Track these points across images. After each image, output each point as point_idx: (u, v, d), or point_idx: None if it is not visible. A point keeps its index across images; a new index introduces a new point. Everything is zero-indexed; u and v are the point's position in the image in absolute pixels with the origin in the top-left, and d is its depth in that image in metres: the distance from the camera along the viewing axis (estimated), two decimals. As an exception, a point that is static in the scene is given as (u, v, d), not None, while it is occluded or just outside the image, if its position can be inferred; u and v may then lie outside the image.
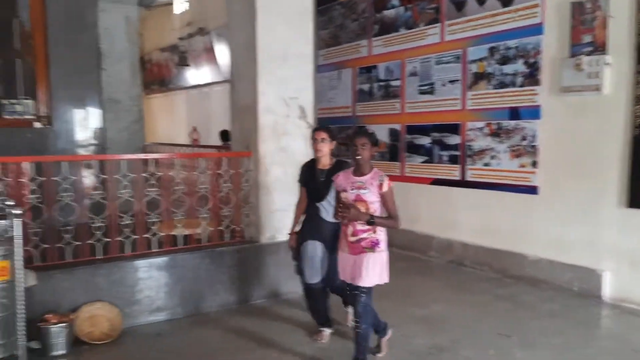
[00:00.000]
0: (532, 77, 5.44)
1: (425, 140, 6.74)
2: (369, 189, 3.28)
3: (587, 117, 5.01)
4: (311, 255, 3.83)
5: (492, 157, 5.88)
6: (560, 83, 5.13)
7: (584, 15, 4.95)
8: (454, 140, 6.35)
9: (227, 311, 4.71)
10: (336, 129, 4.95)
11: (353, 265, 3.36)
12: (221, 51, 10.11)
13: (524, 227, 5.59)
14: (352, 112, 7.90)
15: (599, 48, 4.83)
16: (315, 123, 5.31)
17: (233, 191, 4.98)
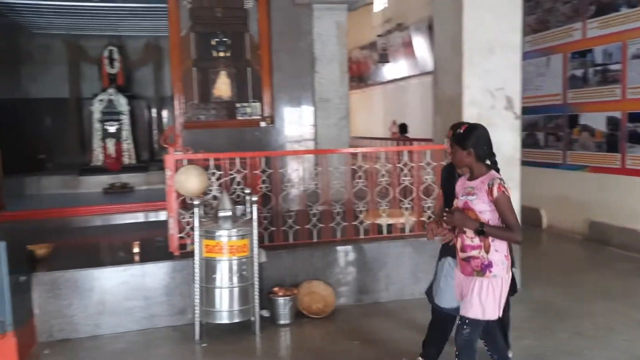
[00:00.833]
0: None
1: (653, 129, 6.01)
2: (477, 194, 2.74)
3: None
4: (446, 275, 3.31)
5: None
6: None
7: None
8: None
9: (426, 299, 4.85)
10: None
11: (461, 286, 2.89)
12: (419, 45, 10.23)
13: None
14: (562, 100, 7.37)
15: None
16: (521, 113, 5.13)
17: (435, 183, 5.09)
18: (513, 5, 4.95)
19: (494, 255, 2.71)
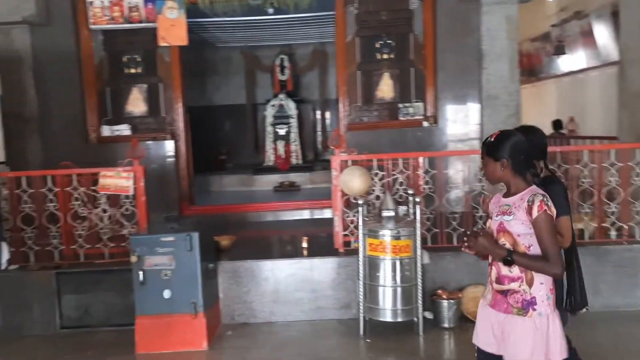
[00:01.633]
0: None
1: None
2: (514, 214, 2.29)
3: None
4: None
5: None
6: None
7: None
8: None
9: (611, 313, 4.40)
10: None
11: (492, 327, 2.38)
12: (601, 33, 9.27)
13: None
14: None
15: None
16: None
17: (621, 186, 4.59)
18: None
19: (538, 289, 2.26)
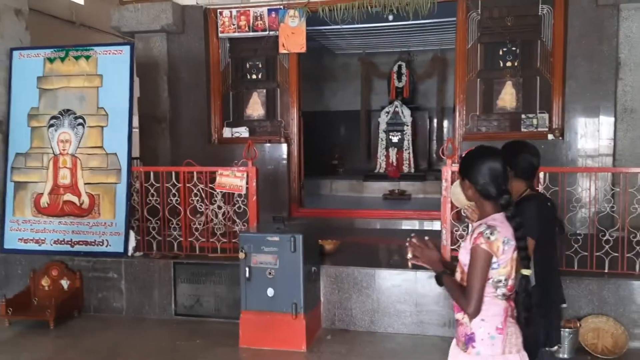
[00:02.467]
0: None
1: None
2: (465, 241, 2.10)
3: None
4: None
5: None
6: None
7: None
8: None
9: None
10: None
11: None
12: None
13: None
14: None
15: None
16: None
17: None
18: None
19: (478, 325, 2.02)
